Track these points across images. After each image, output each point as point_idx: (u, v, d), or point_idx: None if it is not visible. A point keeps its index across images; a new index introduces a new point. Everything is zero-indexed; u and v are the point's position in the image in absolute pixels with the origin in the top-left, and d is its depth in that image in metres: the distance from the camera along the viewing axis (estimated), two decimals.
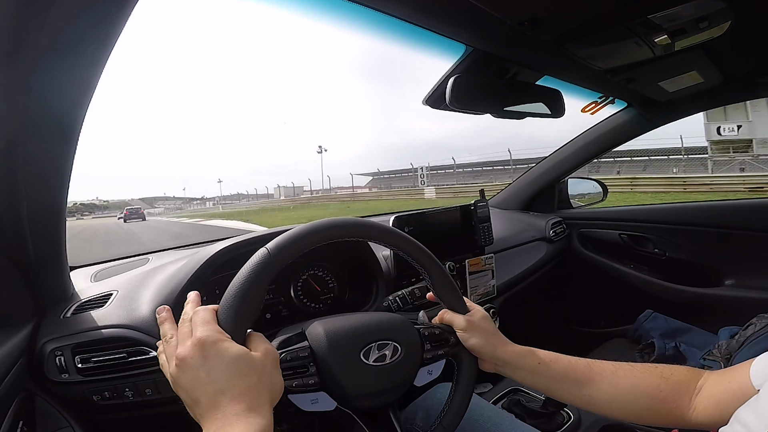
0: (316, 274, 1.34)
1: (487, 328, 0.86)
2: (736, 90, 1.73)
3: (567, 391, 0.84)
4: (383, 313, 0.86)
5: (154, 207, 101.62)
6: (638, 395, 0.79)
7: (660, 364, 0.83)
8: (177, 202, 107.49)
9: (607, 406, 0.82)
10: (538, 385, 0.85)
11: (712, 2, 0.91)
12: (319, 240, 0.72)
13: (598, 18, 0.95)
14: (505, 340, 0.88)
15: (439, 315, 0.89)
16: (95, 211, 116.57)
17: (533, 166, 2.51)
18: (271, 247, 0.68)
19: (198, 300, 0.71)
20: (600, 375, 0.82)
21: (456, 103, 1.19)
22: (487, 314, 0.89)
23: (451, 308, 0.87)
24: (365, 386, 0.75)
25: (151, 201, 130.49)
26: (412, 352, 0.80)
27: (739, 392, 0.67)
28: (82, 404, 1.01)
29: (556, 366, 0.84)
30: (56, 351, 0.98)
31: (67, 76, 0.75)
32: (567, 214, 2.50)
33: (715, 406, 0.72)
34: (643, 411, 0.79)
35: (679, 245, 2.17)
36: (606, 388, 0.81)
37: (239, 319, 0.64)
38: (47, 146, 0.85)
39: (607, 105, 1.83)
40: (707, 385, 0.76)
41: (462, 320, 0.85)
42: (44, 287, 1.08)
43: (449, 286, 0.86)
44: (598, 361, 0.84)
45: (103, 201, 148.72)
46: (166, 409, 1.02)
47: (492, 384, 1.79)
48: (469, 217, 1.74)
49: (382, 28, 1.03)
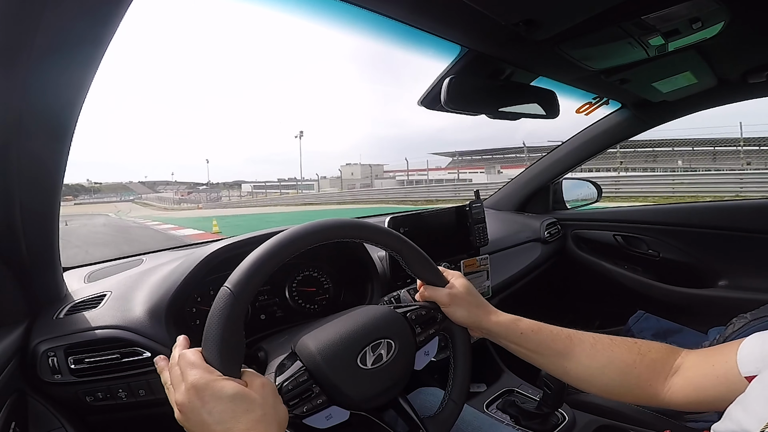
0: (311, 275, 1.34)
1: (469, 300, 0.87)
2: (729, 91, 1.74)
3: (547, 362, 0.85)
4: (367, 308, 0.85)
5: (157, 192, 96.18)
6: (613, 370, 0.80)
7: (641, 340, 0.84)
8: (181, 187, 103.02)
9: (581, 380, 0.83)
10: (520, 354, 0.87)
11: (706, 3, 0.92)
12: (282, 260, 0.70)
13: (592, 19, 0.95)
14: (489, 308, 0.89)
15: (420, 292, 0.90)
16: (82, 194, 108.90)
17: (529, 167, 2.51)
18: (233, 284, 0.66)
19: (185, 343, 0.70)
20: (579, 347, 0.82)
21: (451, 104, 1.19)
22: (468, 283, 0.90)
23: (431, 283, 0.88)
24: (371, 390, 0.75)
25: (152, 185, 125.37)
26: (406, 342, 0.80)
27: (723, 378, 0.67)
28: (74, 405, 1.00)
29: (537, 337, 0.84)
30: (49, 352, 0.98)
31: (61, 75, 0.75)
32: (561, 215, 2.51)
33: (694, 389, 0.72)
34: (616, 386, 0.80)
35: (673, 246, 2.18)
36: (583, 360, 0.81)
37: (225, 356, 0.63)
38: (41, 146, 0.85)
39: (601, 106, 1.83)
40: (686, 365, 0.76)
41: (444, 295, 0.86)
42: (37, 288, 1.07)
43: (423, 261, 0.87)
44: (581, 333, 0.85)
45: (94, 183, 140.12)
46: (160, 410, 1.01)
47: (486, 385, 1.80)
48: (464, 217, 1.74)
49: (377, 29, 1.03)
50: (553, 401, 1.46)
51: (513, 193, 2.53)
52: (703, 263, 2.13)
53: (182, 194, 66.32)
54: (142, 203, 61.58)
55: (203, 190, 73.31)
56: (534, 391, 1.69)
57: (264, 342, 0.92)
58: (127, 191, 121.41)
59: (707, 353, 0.75)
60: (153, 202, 60.08)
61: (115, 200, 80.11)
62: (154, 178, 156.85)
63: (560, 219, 2.45)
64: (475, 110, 1.31)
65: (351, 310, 0.86)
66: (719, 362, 0.69)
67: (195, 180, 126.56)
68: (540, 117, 1.47)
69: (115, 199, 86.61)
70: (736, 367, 0.65)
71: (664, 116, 2.00)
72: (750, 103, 1.84)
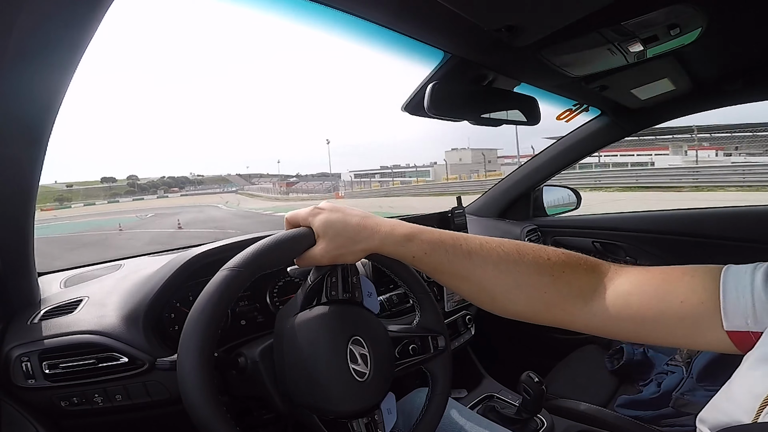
0: (293, 280, 1.33)
1: (344, 242, 0.76)
2: (704, 98, 1.77)
3: (446, 284, 0.79)
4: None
5: (252, 183, 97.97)
6: (518, 294, 0.72)
7: (556, 251, 0.74)
8: (273, 179, 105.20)
9: (483, 302, 0.77)
10: (422, 273, 0.81)
11: (684, 8, 0.93)
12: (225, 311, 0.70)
13: (573, 25, 0.96)
14: (367, 233, 0.76)
15: (297, 263, 0.80)
16: (187, 185, 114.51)
17: (510, 174, 2.53)
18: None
19: None
20: (481, 269, 0.73)
21: (434, 110, 1.19)
22: (326, 218, 0.76)
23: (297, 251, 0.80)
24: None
25: (248, 177, 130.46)
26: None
27: (690, 317, 0.61)
28: (49, 410, 0.99)
29: (431, 260, 0.75)
30: (22, 357, 0.96)
31: (36, 80, 0.74)
32: (541, 221, 2.53)
33: (632, 319, 0.65)
34: (522, 310, 0.74)
35: (650, 253, 2.20)
36: (485, 284, 0.74)
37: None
38: (15, 151, 0.84)
39: (581, 113, 1.85)
40: (619, 288, 0.68)
41: (317, 254, 0.76)
42: (11, 293, 1.06)
43: (275, 241, 0.78)
44: (486, 250, 0.74)
45: (197, 175, 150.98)
46: (137, 415, 1.00)
47: (467, 390, 1.80)
48: (446, 224, 1.75)
49: (361, 34, 1.03)
50: (533, 407, 1.47)
51: (494, 200, 2.54)
52: None
53: (281, 185, 65.98)
54: (246, 194, 61.86)
55: (316, 179, 73.28)
56: (514, 396, 1.70)
57: (244, 347, 0.91)
58: (227, 183, 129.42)
59: (661, 278, 0.67)
60: (258, 192, 60.19)
61: (218, 191, 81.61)
62: (243, 171, 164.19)
63: (540, 226, 2.46)
64: (459, 116, 1.32)
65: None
66: (686, 296, 0.62)
67: (285, 173, 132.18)
68: (521, 123, 1.48)
69: (218, 190, 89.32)
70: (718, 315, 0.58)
71: (642, 123, 2.02)
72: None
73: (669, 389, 1.61)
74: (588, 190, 19.35)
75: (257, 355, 0.81)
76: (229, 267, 0.71)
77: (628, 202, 16.15)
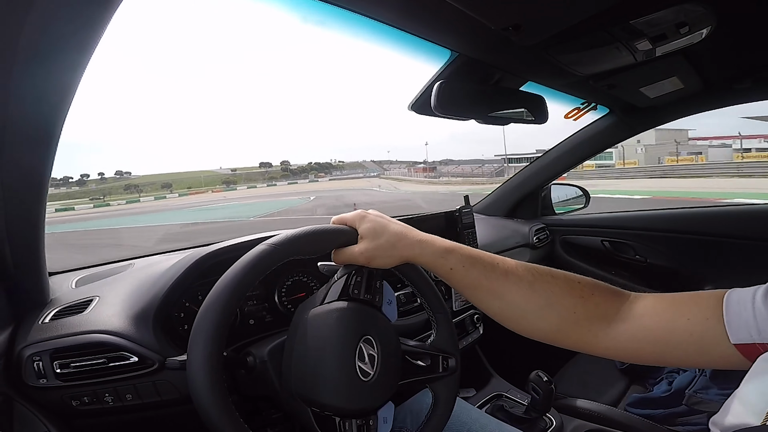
0: (301, 279, 1.34)
1: (381, 245, 0.80)
2: (715, 96, 1.76)
3: (478, 300, 0.81)
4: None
5: (384, 169, 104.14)
6: (550, 313, 0.75)
7: (585, 278, 0.78)
8: (401, 166, 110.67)
9: (513, 321, 0.79)
10: (453, 288, 0.84)
11: (693, 7, 0.93)
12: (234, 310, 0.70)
13: (580, 23, 0.96)
14: (408, 241, 0.81)
15: (333, 257, 0.84)
16: (332, 171, 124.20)
17: (518, 173, 2.53)
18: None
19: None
20: (516, 287, 0.76)
21: (441, 109, 1.19)
22: (373, 222, 0.82)
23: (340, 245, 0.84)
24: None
25: (379, 163, 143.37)
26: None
27: (698, 336, 0.63)
28: (60, 409, 0.99)
29: (468, 274, 0.78)
30: (34, 356, 0.97)
31: (46, 80, 0.74)
32: (550, 220, 2.52)
33: (650, 342, 0.68)
34: (551, 331, 0.76)
35: (660, 252, 2.19)
36: (519, 301, 0.76)
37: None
38: (26, 151, 0.84)
39: (589, 111, 1.85)
40: (639, 311, 0.71)
41: (356, 251, 0.80)
42: (23, 293, 1.06)
43: (317, 232, 0.81)
44: (521, 270, 0.78)
45: (339, 161, 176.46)
46: (148, 415, 1.01)
47: (475, 390, 1.80)
48: (454, 223, 1.74)
49: (369, 33, 1.03)
50: (542, 406, 1.46)
51: (502, 199, 2.53)
52: (690, 269, 2.14)
53: (417, 171, 68.36)
54: (389, 178, 63.32)
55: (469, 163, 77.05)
56: (522, 395, 1.69)
57: (252, 347, 0.92)
58: (363, 169, 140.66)
59: (671, 300, 0.70)
60: (401, 177, 62.23)
61: (360, 176, 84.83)
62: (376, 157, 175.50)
63: (549, 224, 2.46)
64: (465, 115, 1.32)
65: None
66: (692, 314, 0.65)
67: (413, 159, 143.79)
68: (529, 122, 1.48)
69: (360, 175, 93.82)
70: (723, 329, 0.61)
71: (650, 121, 2.01)
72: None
73: (681, 387, 1.60)
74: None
75: (266, 355, 0.82)
76: (269, 243, 0.73)
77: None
